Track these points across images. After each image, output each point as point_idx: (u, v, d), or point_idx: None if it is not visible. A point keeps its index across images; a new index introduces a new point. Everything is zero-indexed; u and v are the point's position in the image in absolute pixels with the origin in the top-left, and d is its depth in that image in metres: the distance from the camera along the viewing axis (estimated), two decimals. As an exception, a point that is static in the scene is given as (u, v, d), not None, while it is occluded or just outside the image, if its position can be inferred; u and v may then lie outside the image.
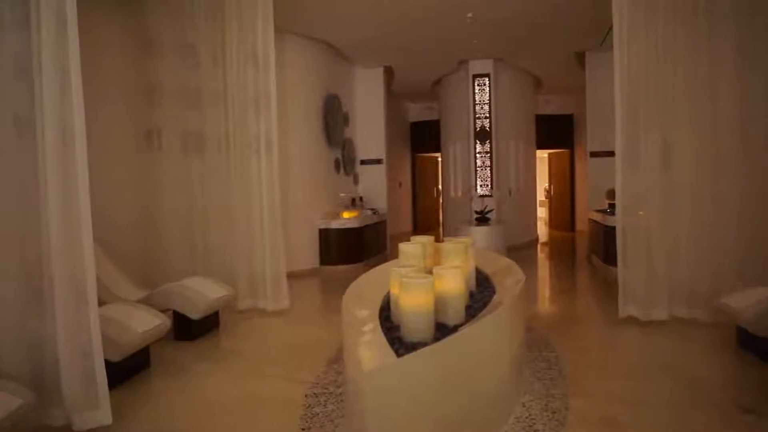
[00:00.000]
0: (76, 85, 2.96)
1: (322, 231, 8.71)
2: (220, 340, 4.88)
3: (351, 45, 9.25)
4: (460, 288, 3.11)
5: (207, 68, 6.00)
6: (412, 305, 2.78)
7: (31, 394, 2.63)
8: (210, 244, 6.01)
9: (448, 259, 3.60)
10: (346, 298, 3.38)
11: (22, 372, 2.92)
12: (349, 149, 10.17)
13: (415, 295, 2.77)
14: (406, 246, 3.61)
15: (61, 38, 2.92)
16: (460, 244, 3.64)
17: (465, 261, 3.62)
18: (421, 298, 2.78)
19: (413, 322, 2.77)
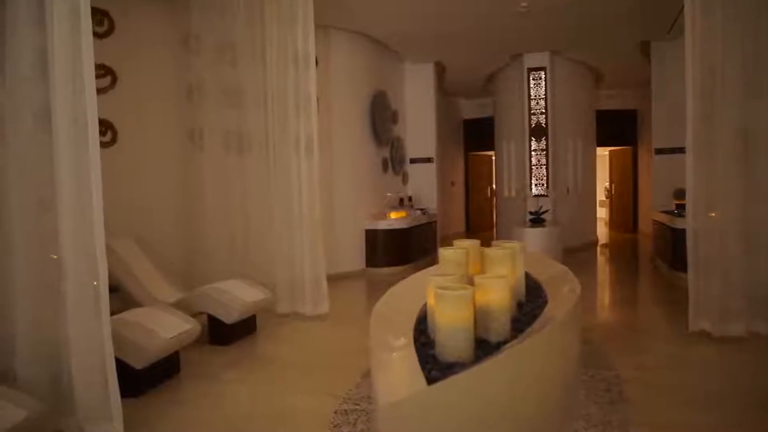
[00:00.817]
0: (89, 80, 2.79)
1: (369, 232, 8.47)
2: (254, 346, 4.71)
3: (399, 40, 8.96)
4: (505, 300, 2.76)
5: (248, 67, 5.90)
6: (449, 320, 2.46)
7: (39, 405, 2.49)
8: (250, 246, 5.89)
9: (493, 266, 3.25)
10: (378, 306, 3.10)
11: (40, 378, 2.81)
12: (397, 148, 9.90)
13: (452, 309, 2.46)
14: (447, 251, 3.29)
15: (75, 32, 2.76)
16: (506, 250, 3.29)
17: (512, 268, 3.26)
18: (459, 312, 2.46)
19: (449, 339, 2.45)
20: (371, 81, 8.79)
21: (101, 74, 5.53)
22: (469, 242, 3.62)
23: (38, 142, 2.80)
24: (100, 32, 5.53)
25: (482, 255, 3.56)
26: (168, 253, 5.80)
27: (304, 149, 5.61)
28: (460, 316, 2.45)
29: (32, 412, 2.42)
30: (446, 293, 2.48)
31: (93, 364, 2.77)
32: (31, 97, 2.82)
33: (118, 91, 5.71)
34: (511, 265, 3.28)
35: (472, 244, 3.61)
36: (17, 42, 2.81)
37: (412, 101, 10.48)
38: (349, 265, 8.18)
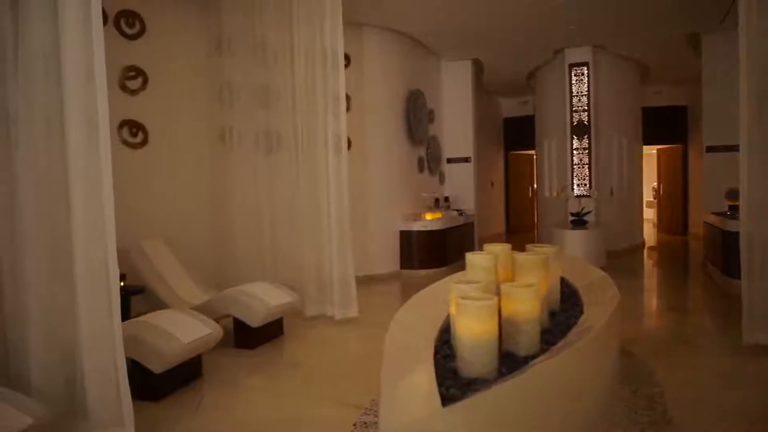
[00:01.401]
0: (100, 80, 2.71)
1: (404, 233, 8.31)
2: (279, 350, 4.61)
3: (435, 37, 8.77)
4: (534, 311, 2.55)
5: (277, 67, 5.85)
6: (470, 332, 2.28)
7: (45, 412, 2.43)
8: (279, 247, 5.81)
9: (523, 273, 3.04)
10: (399, 314, 2.93)
11: (52, 383, 2.77)
12: (434, 147, 9.70)
13: (474, 320, 2.27)
14: (474, 256, 3.10)
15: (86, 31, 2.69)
16: (538, 256, 3.07)
17: (544, 275, 3.04)
18: (481, 324, 2.27)
19: (470, 354, 2.27)
20: (406, 79, 8.62)
21: (133, 76, 5.56)
22: (499, 246, 3.41)
23: (50, 143, 2.75)
24: (132, 34, 5.55)
25: (514, 260, 3.35)
26: (197, 253, 5.78)
27: (333, 149, 5.50)
28: (482, 328, 2.26)
29: (38, 419, 2.36)
30: (468, 303, 2.29)
31: (105, 368, 2.71)
32: (44, 98, 2.77)
33: (150, 92, 5.72)
34: (542, 272, 3.06)
35: (502, 248, 3.40)
36: (29, 41, 2.76)
37: (449, 100, 10.26)
38: (382, 267, 8.04)
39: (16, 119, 2.76)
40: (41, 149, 2.76)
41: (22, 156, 2.76)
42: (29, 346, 2.75)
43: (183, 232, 5.81)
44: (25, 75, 2.75)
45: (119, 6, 5.43)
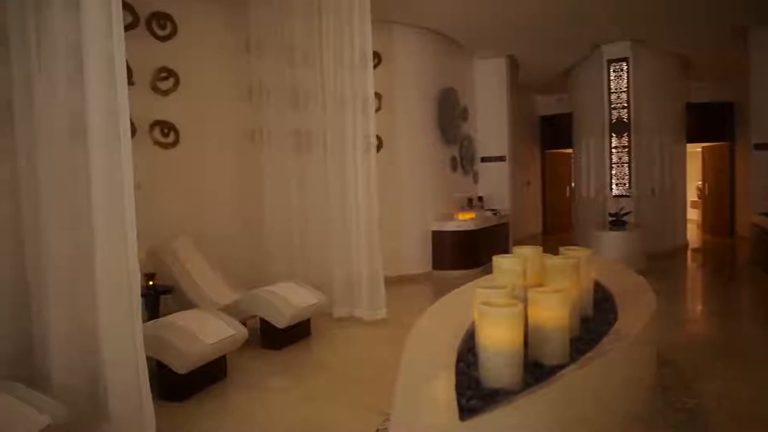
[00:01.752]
0: (121, 79, 2.70)
1: (436, 233, 8.19)
2: (306, 352, 4.57)
3: (468, 34, 8.61)
4: (562, 318, 2.43)
5: (306, 67, 5.84)
6: (493, 340, 2.17)
7: (64, 412, 2.44)
8: (308, 247, 5.80)
9: (553, 278, 2.90)
10: (422, 319, 2.84)
11: (74, 383, 2.78)
12: (467, 146, 9.54)
13: (496, 328, 2.16)
14: (502, 260, 2.98)
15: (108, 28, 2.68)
16: (568, 260, 2.93)
17: (575, 281, 2.90)
18: (505, 332, 2.16)
19: (493, 363, 2.16)
20: (438, 77, 8.50)
21: (164, 77, 5.62)
22: (529, 249, 3.28)
23: (73, 142, 2.76)
24: (163, 35, 5.61)
25: (543, 264, 3.22)
26: (228, 253, 5.81)
27: (363, 149, 5.45)
28: (505, 336, 2.15)
29: (56, 419, 2.36)
30: (490, 310, 2.19)
31: (126, 369, 2.70)
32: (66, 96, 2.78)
33: (181, 93, 5.77)
34: (573, 277, 2.92)
35: (532, 251, 3.27)
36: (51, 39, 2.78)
37: (484, 98, 10.08)
38: (414, 267, 7.94)
39: (39, 118, 2.78)
40: (64, 148, 2.77)
41: (45, 154, 2.78)
42: (52, 345, 2.78)
43: (213, 231, 5.84)
44: (48, 73, 2.78)
45: (151, 8, 5.50)
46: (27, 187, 2.90)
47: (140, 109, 5.38)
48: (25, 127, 2.88)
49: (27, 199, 2.90)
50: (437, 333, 2.69)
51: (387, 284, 6.14)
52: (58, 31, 2.75)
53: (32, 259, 2.89)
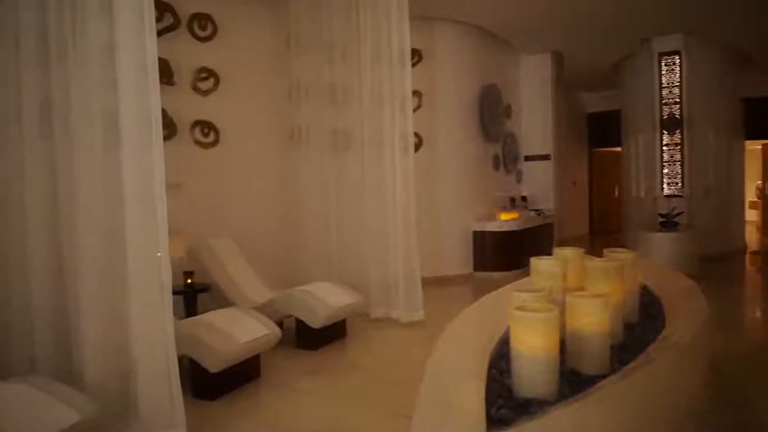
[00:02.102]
0: (153, 78, 2.70)
1: (477, 234, 8.02)
2: (340, 353, 4.52)
3: (511, 29, 8.40)
4: (603, 324, 2.28)
5: (345, 65, 5.82)
6: (527, 347, 2.04)
7: (94, 409, 2.45)
8: (345, 246, 5.76)
9: (594, 281, 2.74)
10: (454, 324, 2.73)
11: (108, 379, 2.80)
12: (510, 144, 9.32)
13: (530, 334, 2.03)
14: (540, 262, 2.83)
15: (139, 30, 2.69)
16: (611, 262, 2.76)
17: (618, 285, 2.73)
18: (540, 338, 2.03)
19: (526, 371, 2.03)
20: (480, 74, 8.32)
21: (205, 77, 5.69)
22: (570, 251, 3.12)
23: (107, 141, 2.79)
24: (204, 36, 5.68)
25: (585, 267, 3.05)
26: (266, 252, 5.83)
27: (400, 148, 5.38)
28: (540, 343, 2.02)
29: (85, 416, 2.37)
30: (524, 315, 2.06)
31: (156, 367, 2.71)
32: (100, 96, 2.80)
33: (221, 93, 5.83)
34: (617, 281, 2.75)
35: (573, 253, 3.11)
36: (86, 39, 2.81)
37: (528, 95, 9.84)
38: (454, 268, 7.80)
39: (76, 120, 2.82)
40: (98, 149, 2.80)
41: (79, 156, 2.82)
42: (86, 342, 2.81)
43: (252, 230, 5.88)
44: (83, 73, 2.81)
45: (192, 9, 5.57)
46: (63, 187, 2.94)
47: (181, 109, 5.47)
48: (62, 128, 2.92)
49: (64, 199, 2.95)
50: (470, 337, 2.57)
51: (426, 285, 6.04)
52: (92, 33, 2.77)
53: (68, 260, 2.93)
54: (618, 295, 2.63)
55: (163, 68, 5.25)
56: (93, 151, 2.82)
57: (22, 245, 3.04)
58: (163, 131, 5.15)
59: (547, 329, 2.01)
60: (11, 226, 3.06)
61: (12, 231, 3.06)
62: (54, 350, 2.97)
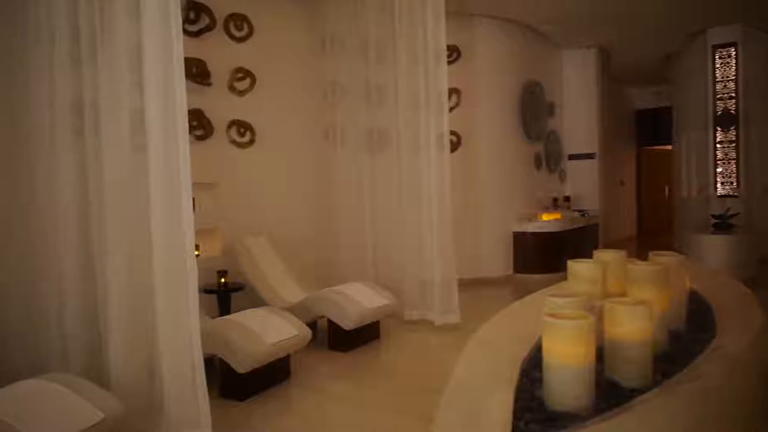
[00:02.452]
0: (179, 78, 2.67)
1: (517, 235, 7.81)
2: (373, 356, 4.44)
3: (554, 24, 8.16)
4: (644, 333, 2.10)
5: (379, 63, 5.73)
6: (559, 357, 1.90)
7: (119, 408, 2.45)
8: (380, 247, 5.69)
9: (637, 286, 2.56)
10: (484, 330, 2.60)
11: (135, 378, 2.80)
12: (553, 143, 9.05)
13: (564, 342, 1.89)
14: (578, 265, 2.67)
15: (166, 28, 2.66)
16: (655, 267, 2.57)
17: (662, 291, 2.54)
18: (572, 348, 1.88)
19: (558, 382, 1.89)
20: (521, 71, 8.10)
21: (241, 77, 5.70)
22: (611, 254, 2.93)
23: (135, 141, 2.78)
24: (240, 36, 5.69)
25: (627, 272, 2.87)
26: (301, 252, 5.82)
27: (435, 147, 5.26)
28: (573, 352, 1.88)
29: (109, 414, 2.37)
30: (555, 322, 1.92)
31: (181, 366, 2.70)
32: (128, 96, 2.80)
33: (257, 92, 5.84)
34: (661, 286, 2.56)
35: (614, 255, 2.92)
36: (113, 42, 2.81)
37: (572, 91, 9.53)
38: (494, 270, 7.62)
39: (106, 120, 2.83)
40: (125, 149, 2.81)
41: (108, 156, 2.83)
42: (112, 340, 2.82)
43: (287, 229, 5.87)
44: (111, 73, 2.82)
45: (228, 10, 5.59)
46: (94, 186, 2.96)
47: (218, 109, 5.50)
48: (91, 128, 2.95)
49: (94, 197, 2.97)
50: (502, 343, 2.44)
51: (464, 287, 5.92)
52: (120, 32, 2.78)
53: (98, 258, 2.95)
54: (662, 301, 2.45)
55: (200, 69, 5.32)
56: (121, 149, 2.82)
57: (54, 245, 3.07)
58: (200, 131, 5.27)
59: (581, 338, 1.86)
60: (46, 226, 3.10)
61: (46, 231, 3.10)
62: (85, 347, 3.00)
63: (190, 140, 5.19)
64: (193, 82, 5.27)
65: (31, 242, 3.15)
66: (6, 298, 3.22)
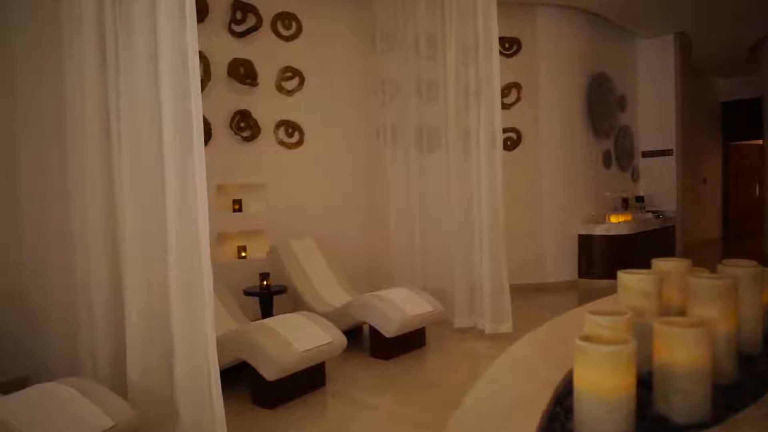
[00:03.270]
0: (194, 77, 2.57)
1: (582, 237, 7.33)
2: (415, 365, 4.20)
3: (626, 11, 7.58)
4: (701, 360, 1.75)
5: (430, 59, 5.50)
6: (591, 386, 1.62)
7: (130, 415, 2.38)
8: (430, 250, 5.45)
9: (697, 304, 2.19)
10: (517, 345, 2.33)
11: (151, 385, 2.73)
12: (625, 139, 8.46)
13: (598, 371, 1.60)
14: (628, 277, 2.33)
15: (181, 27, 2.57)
16: (721, 280, 2.20)
17: (729, 308, 2.16)
18: (608, 377, 1.59)
19: (590, 416, 1.60)
20: (588, 63, 7.59)
21: (289, 77, 5.64)
22: (673, 262, 2.56)
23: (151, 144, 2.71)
24: (288, 35, 5.63)
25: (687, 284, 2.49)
26: (350, 255, 5.70)
27: (485, 145, 4.96)
28: (606, 383, 1.59)
29: (121, 422, 2.30)
30: (586, 347, 1.63)
31: (197, 375, 2.60)
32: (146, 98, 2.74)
33: (306, 92, 5.76)
34: (727, 303, 2.18)
35: (676, 264, 2.55)
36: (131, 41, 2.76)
37: (646, 83, 8.88)
38: (556, 274, 7.18)
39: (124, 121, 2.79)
40: (143, 152, 2.75)
41: (126, 157, 2.79)
42: (129, 345, 2.77)
43: (336, 232, 5.76)
44: (128, 74, 2.77)
45: (276, 9, 5.54)
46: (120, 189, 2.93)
47: (265, 109, 5.46)
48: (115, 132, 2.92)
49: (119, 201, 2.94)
50: (535, 361, 2.16)
51: (524, 292, 5.58)
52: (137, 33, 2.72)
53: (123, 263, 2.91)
54: (730, 320, 2.08)
55: (247, 69, 5.29)
56: (140, 154, 2.77)
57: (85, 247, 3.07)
58: (247, 132, 5.24)
59: (617, 366, 1.56)
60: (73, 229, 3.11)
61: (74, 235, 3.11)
62: (109, 352, 2.97)
63: (237, 141, 5.23)
64: (239, 83, 5.26)
65: (67, 246, 3.17)
66: (48, 304, 3.27)
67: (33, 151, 3.38)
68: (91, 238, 3.00)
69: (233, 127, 5.22)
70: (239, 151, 5.29)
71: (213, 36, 5.06)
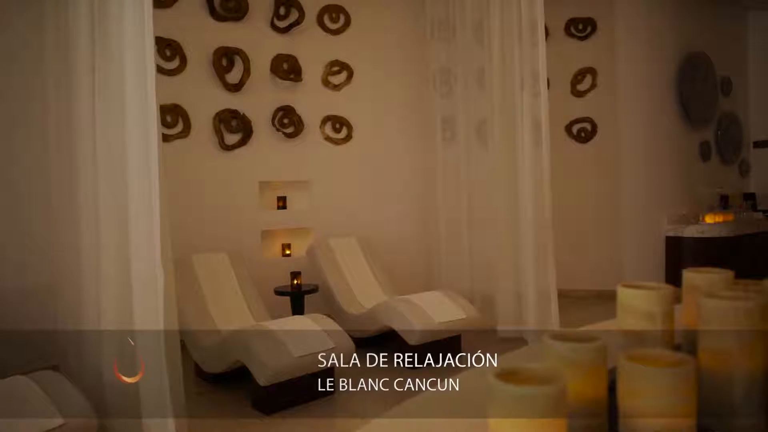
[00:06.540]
0: (150, 77, 2.50)
1: (671, 240, 6.50)
2: (439, 377, 3.83)
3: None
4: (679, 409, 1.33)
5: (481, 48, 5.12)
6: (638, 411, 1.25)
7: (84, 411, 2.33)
8: (477, 252, 5.08)
9: (708, 333, 1.71)
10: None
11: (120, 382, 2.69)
12: (727, 128, 7.42)
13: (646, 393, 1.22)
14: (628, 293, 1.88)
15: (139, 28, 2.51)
16: (741, 301, 1.69)
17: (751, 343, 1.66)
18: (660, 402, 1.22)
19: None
20: (680, 40, 6.65)
21: (336, 71, 5.50)
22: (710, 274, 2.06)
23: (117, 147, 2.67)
24: (335, 29, 5.49)
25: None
26: (395, 255, 5.47)
27: (531, 138, 4.50)
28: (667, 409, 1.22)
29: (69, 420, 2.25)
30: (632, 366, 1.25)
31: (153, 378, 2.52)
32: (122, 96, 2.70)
33: (354, 86, 5.60)
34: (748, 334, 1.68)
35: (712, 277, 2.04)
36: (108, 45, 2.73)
37: (759, 63, 7.73)
38: (639, 280, 6.39)
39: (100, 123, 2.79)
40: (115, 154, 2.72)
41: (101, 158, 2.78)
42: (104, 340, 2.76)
43: (382, 231, 5.55)
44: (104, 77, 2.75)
45: (322, 2, 5.41)
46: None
47: (310, 105, 5.36)
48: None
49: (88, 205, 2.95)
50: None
51: (597, 300, 5.10)
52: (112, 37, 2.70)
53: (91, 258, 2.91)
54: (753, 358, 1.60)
55: (290, 65, 5.21)
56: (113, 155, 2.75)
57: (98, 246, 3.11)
58: (290, 129, 5.15)
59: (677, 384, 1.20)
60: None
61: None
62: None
63: (280, 138, 5.15)
64: (282, 79, 5.18)
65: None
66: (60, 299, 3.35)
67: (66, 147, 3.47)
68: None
69: (276, 123, 5.16)
70: (282, 149, 5.22)
71: (254, 32, 5.03)
